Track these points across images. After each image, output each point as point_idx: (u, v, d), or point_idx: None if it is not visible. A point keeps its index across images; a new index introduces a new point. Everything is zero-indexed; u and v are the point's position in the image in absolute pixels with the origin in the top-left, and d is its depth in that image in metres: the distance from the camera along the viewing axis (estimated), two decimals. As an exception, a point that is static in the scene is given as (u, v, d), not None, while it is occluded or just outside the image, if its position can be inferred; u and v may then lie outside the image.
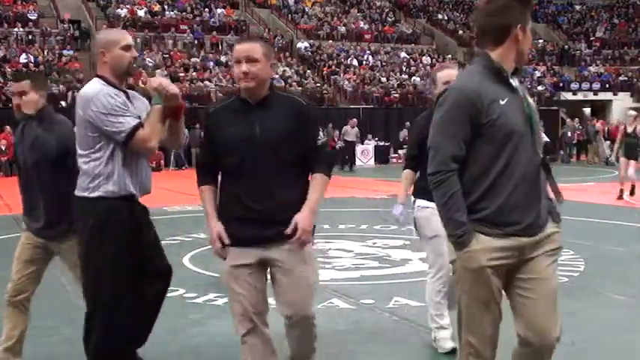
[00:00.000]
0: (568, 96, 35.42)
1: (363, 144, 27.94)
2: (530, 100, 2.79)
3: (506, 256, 2.69)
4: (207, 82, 27.75)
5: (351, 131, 25.06)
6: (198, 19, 34.10)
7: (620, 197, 13.54)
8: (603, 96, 35.94)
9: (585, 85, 36.05)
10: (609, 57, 39.09)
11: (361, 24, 37.47)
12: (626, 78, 36.44)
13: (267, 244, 3.16)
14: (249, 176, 3.13)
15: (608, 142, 25.57)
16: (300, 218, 3.12)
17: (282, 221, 3.11)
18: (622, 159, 13.68)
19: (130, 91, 3.67)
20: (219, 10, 35.22)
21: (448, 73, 4.36)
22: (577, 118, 29.99)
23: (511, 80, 2.72)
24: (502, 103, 2.64)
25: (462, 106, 2.64)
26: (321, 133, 3.28)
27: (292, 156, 3.16)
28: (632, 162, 13.29)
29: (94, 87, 3.52)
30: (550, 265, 2.76)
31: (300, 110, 3.21)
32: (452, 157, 2.66)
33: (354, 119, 25.77)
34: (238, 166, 3.15)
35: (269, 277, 3.32)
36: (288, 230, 3.11)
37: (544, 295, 2.73)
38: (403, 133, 28.68)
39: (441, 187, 2.67)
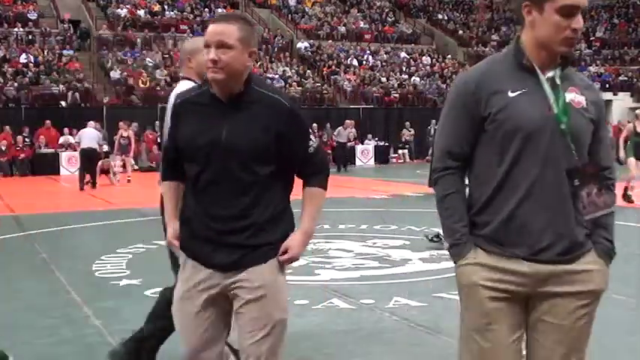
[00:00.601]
0: (568, 96, 35.38)
1: (362, 144, 27.96)
2: (578, 96, 2.26)
3: (510, 281, 2.21)
4: (207, 82, 27.74)
5: (343, 133, 25.03)
6: (198, 19, 34.09)
7: (625, 195, 13.33)
8: (603, 96, 35.69)
9: (585, 85, 36.03)
10: (609, 57, 39.10)
11: (361, 24, 37.48)
12: (626, 78, 36.45)
13: (229, 271, 2.62)
14: (210, 190, 2.60)
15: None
16: (293, 244, 2.64)
17: (247, 246, 2.59)
18: (631, 159, 13.46)
19: None
20: (219, 10, 35.19)
21: None
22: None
23: (540, 70, 2.24)
24: (511, 94, 2.19)
25: (461, 95, 2.27)
26: (312, 137, 2.72)
27: (266, 169, 2.58)
28: None
29: (186, 86, 3.69)
30: (575, 311, 2.23)
31: (282, 113, 2.60)
32: (448, 154, 2.29)
33: (348, 121, 25.76)
34: (197, 177, 2.62)
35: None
36: (280, 257, 2.64)
37: (556, 345, 2.25)
38: (404, 134, 28.75)
39: (436, 186, 2.33)
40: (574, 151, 2.20)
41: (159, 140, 14.62)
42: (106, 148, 20.09)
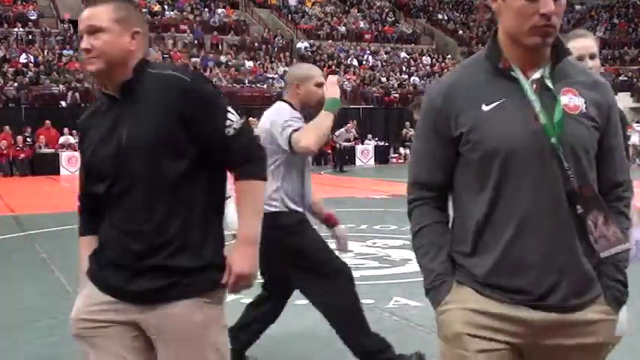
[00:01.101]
0: (568, 96, 35.42)
1: (362, 144, 28.00)
2: (574, 99, 1.81)
3: (504, 330, 1.80)
4: (207, 82, 27.76)
5: (344, 135, 25.08)
6: (198, 19, 34.12)
7: None
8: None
9: (585, 85, 36.07)
10: (609, 57, 39.11)
11: (361, 24, 37.50)
12: (626, 78, 36.45)
13: (146, 304, 2.14)
14: (122, 204, 2.15)
15: None
16: (234, 260, 2.16)
17: (169, 269, 2.11)
18: None
19: None
20: (219, 10, 35.24)
21: (583, 45, 2.81)
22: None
23: (522, 72, 1.80)
24: (485, 108, 1.78)
25: (429, 112, 1.87)
26: (233, 117, 2.16)
27: (178, 166, 2.11)
28: None
29: (282, 109, 3.83)
30: None
31: (179, 90, 2.11)
32: (418, 184, 1.93)
33: (349, 124, 25.80)
34: (108, 193, 2.18)
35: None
36: (224, 279, 2.15)
37: None
38: (407, 133, 28.77)
39: (410, 220, 1.96)
40: (568, 170, 1.76)
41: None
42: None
